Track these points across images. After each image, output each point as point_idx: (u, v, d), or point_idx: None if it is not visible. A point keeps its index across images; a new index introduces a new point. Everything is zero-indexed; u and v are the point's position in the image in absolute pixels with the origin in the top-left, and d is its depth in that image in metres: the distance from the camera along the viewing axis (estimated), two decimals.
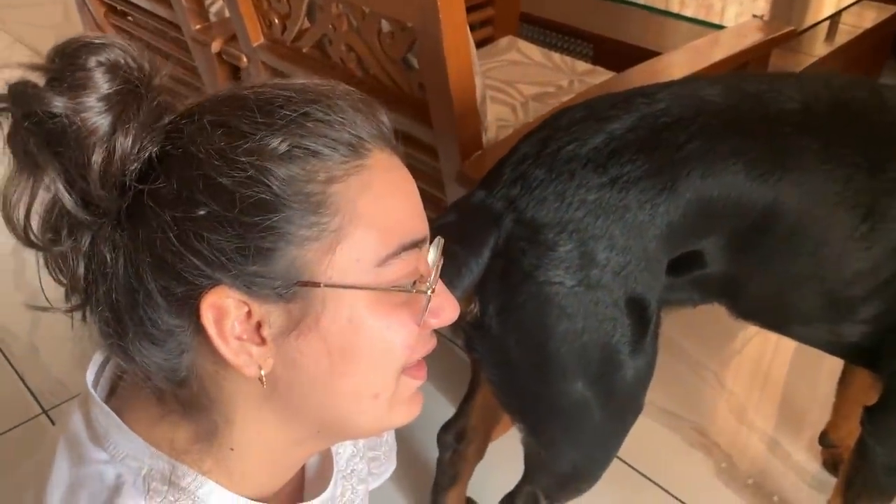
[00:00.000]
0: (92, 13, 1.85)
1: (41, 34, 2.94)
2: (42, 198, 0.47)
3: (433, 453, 1.16)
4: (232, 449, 0.54)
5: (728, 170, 0.80)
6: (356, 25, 1.13)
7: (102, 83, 0.46)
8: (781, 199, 0.81)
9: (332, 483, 0.64)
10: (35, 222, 0.47)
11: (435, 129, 1.09)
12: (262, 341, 0.49)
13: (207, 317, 0.47)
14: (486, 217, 0.79)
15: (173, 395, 0.52)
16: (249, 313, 0.48)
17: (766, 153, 0.81)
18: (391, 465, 0.91)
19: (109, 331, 0.50)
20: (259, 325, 0.49)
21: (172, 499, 0.51)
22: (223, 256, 0.46)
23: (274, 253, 0.47)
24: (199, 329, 0.48)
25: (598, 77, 1.60)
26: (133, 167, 0.47)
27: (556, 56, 1.69)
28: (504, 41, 1.76)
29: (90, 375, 0.57)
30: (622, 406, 0.88)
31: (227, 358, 0.48)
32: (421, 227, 0.53)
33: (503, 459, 1.01)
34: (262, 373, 0.49)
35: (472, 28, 1.82)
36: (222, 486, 0.53)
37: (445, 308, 0.55)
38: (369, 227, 0.49)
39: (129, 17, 1.78)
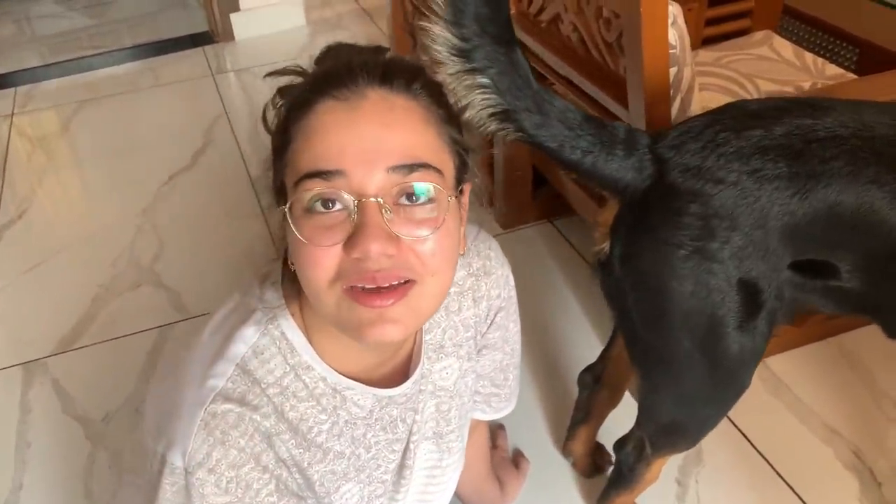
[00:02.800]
0: None
1: None
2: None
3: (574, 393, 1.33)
4: (305, 311, 0.76)
5: (865, 194, 0.83)
6: (582, 8, 1.28)
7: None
8: None
9: (410, 380, 0.84)
10: None
11: (630, 110, 1.21)
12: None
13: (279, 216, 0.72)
14: (640, 162, 0.89)
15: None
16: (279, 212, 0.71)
17: None
18: (510, 406, 1.09)
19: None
20: (284, 219, 0.70)
21: (273, 332, 0.75)
22: (274, 178, 0.72)
23: (278, 171, 0.71)
24: None
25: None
26: None
27: (809, 56, 1.68)
28: (759, 34, 1.77)
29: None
30: (723, 377, 0.95)
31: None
32: (335, 160, 0.65)
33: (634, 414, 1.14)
34: (291, 261, 0.72)
35: (730, 19, 1.86)
36: (297, 327, 0.76)
37: (353, 241, 0.64)
38: (294, 154, 0.68)
39: None
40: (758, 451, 1.38)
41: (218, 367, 0.72)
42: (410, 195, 0.66)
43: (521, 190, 1.87)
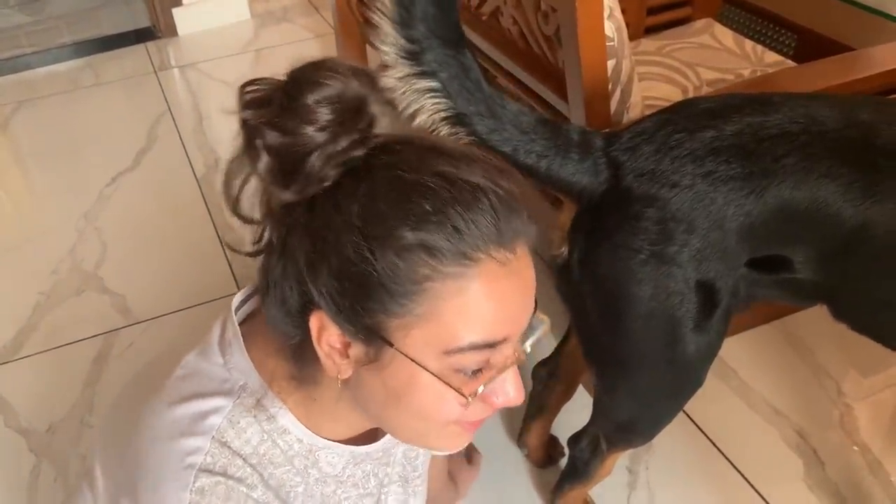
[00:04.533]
0: None
1: None
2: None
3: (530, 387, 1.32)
4: (314, 399, 0.69)
5: (819, 188, 0.82)
6: (520, 1, 1.27)
7: (322, 116, 0.58)
8: (871, 223, 0.82)
9: (387, 436, 0.78)
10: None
11: (570, 103, 1.21)
12: (346, 357, 0.62)
13: (313, 325, 0.61)
14: (595, 165, 0.87)
15: (290, 343, 0.66)
16: (342, 336, 0.61)
17: (860, 180, 0.82)
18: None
19: (262, 281, 0.66)
20: (346, 346, 0.62)
21: (254, 411, 0.67)
22: (328, 295, 0.59)
23: (366, 311, 0.59)
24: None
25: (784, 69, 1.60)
26: (323, 184, 0.59)
27: (749, 44, 1.69)
28: (700, 23, 1.78)
29: (236, 300, 0.73)
30: (680, 375, 0.94)
31: (320, 357, 0.63)
32: (504, 330, 0.60)
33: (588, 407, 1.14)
34: (340, 377, 0.64)
35: (671, 7, 1.87)
36: (296, 418, 0.69)
37: (500, 394, 0.63)
38: (447, 324, 0.58)
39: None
40: (706, 435, 1.39)
41: (193, 441, 0.66)
42: None
43: None
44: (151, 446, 0.67)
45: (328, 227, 0.59)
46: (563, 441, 1.27)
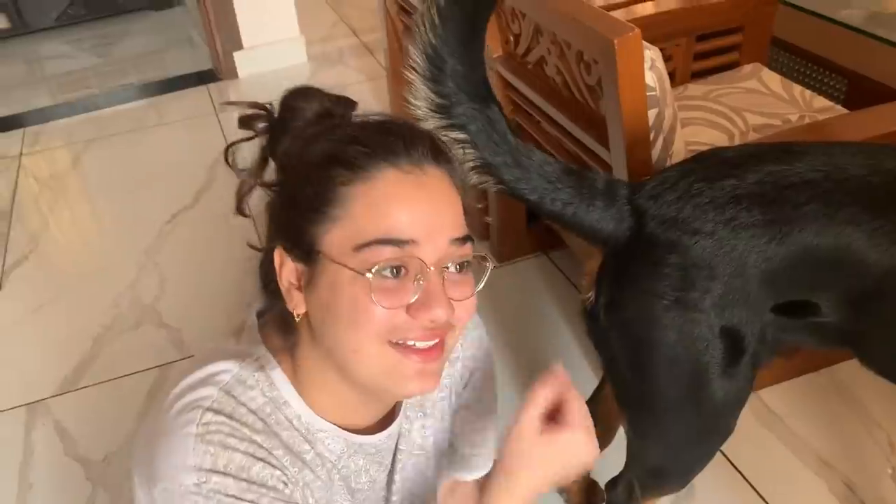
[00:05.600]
0: (389, 9, 2.22)
1: (361, 16, 3.46)
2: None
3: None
4: (301, 365, 0.77)
5: (843, 234, 0.84)
6: (564, 52, 1.31)
7: (308, 115, 0.76)
8: None
9: (385, 432, 0.84)
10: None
11: (611, 151, 1.23)
12: (300, 290, 0.72)
13: (276, 261, 0.73)
14: (619, 213, 0.91)
15: (281, 317, 0.77)
16: (295, 268, 0.72)
17: (885, 226, 0.84)
18: (487, 465, 1.05)
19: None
20: (299, 279, 0.72)
21: (257, 375, 0.76)
22: (281, 228, 0.74)
23: (302, 229, 0.70)
24: None
25: (833, 115, 1.60)
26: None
27: (797, 89, 1.70)
28: (748, 68, 1.79)
29: (256, 308, 0.84)
30: (708, 422, 0.96)
31: (283, 293, 0.73)
32: (409, 231, 0.68)
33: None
34: (296, 311, 0.73)
35: (719, 52, 1.88)
36: (287, 380, 0.77)
37: (421, 306, 0.69)
38: (355, 220, 0.68)
39: (413, 15, 2.11)
40: (750, 484, 1.38)
41: (202, 391, 0.73)
42: (461, 265, 0.73)
43: (515, 223, 1.88)
44: (166, 406, 0.74)
45: (284, 181, 0.76)
46: (603, 486, 1.27)
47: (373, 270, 0.68)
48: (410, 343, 0.71)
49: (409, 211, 0.70)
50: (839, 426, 1.46)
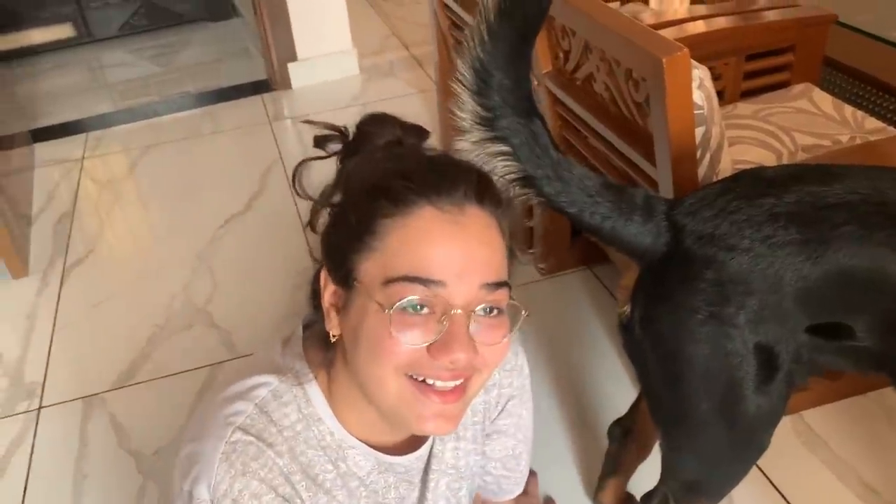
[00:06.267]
0: (440, 24, 2.26)
1: (412, 29, 3.52)
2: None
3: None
4: (335, 380, 0.80)
5: (878, 257, 0.85)
6: (613, 69, 1.33)
7: (379, 141, 0.82)
8: None
9: (417, 452, 0.87)
10: None
11: (658, 167, 1.25)
12: (338, 312, 0.76)
13: (322, 282, 0.77)
14: (657, 228, 0.93)
15: (323, 334, 0.80)
16: (335, 290, 0.75)
17: None
18: (519, 489, 1.11)
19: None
20: (338, 300, 0.76)
21: (295, 391, 0.80)
22: (327, 250, 0.78)
23: (344, 255, 0.73)
24: None
25: (885, 136, 1.59)
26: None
27: (849, 110, 1.69)
28: (798, 87, 1.79)
29: (305, 319, 0.89)
30: (741, 438, 0.97)
31: (324, 312, 0.77)
32: (439, 272, 0.70)
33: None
34: (333, 332, 0.76)
35: (769, 72, 1.88)
36: (322, 395, 0.80)
37: (441, 346, 0.70)
38: (390, 254, 0.71)
39: (464, 31, 2.14)
40: (784, 498, 1.37)
41: (238, 405, 0.78)
42: (491, 309, 0.73)
43: (559, 237, 1.90)
44: (206, 412, 0.80)
45: (338, 204, 0.80)
46: (639, 499, 1.28)
47: (394, 307, 0.70)
48: (430, 382, 0.72)
49: (442, 251, 0.71)
50: (885, 451, 1.44)
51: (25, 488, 1.52)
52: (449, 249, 0.71)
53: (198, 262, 2.14)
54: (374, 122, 0.85)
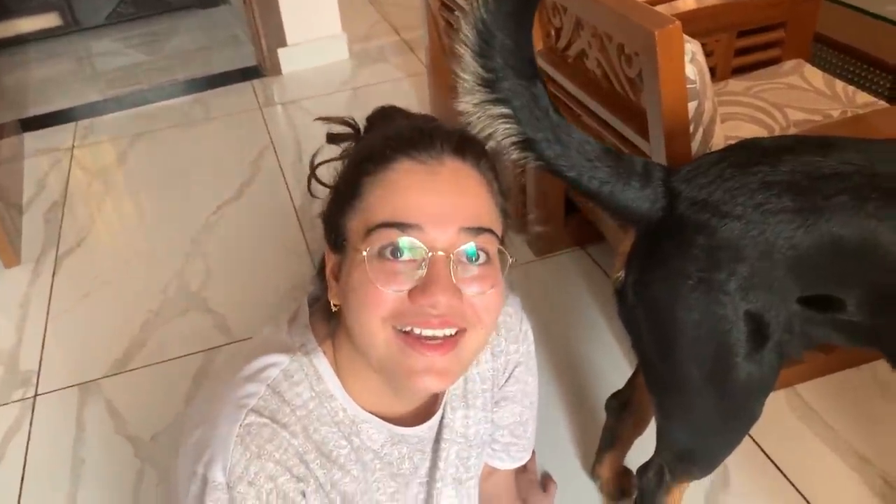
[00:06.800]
0: (430, 6, 2.26)
1: (402, 13, 3.51)
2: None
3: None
4: (338, 352, 0.82)
5: (867, 228, 0.85)
6: (605, 45, 1.33)
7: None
8: None
9: (427, 424, 0.88)
10: None
11: (651, 142, 1.25)
12: (337, 280, 0.77)
13: (326, 255, 0.79)
14: (654, 193, 0.94)
15: (327, 306, 0.81)
16: (334, 259, 0.77)
17: None
18: (527, 455, 1.13)
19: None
20: (335, 268, 0.77)
21: (306, 369, 0.80)
22: (326, 221, 0.80)
23: (337, 222, 0.76)
24: None
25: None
26: None
27: (840, 85, 1.70)
28: (789, 64, 1.80)
29: (310, 295, 0.90)
30: (732, 406, 0.98)
31: (327, 283, 0.79)
32: (415, 215, 0.71)
33: None
34: (333, 301, 0.78)
35: (760, 48, 1.88)
36: (330, 368, 0.81)
37: (426, 292, 0.70)
38: (370, 207, 0.73)
39: (455, 12, 2.14)
40: (785, 476, 1.39)
41: (250, 387, 0.78)
42: (474, 255, 0.74)
43: (553, 217, 1.91)
44: (214, 397, 0.80)
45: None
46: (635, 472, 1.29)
47: (373, 254, 0.71)
48: (417, 332, 0.72)
49: (417, 196, 0.73)
50: (877, 423, 1.46)
51: (23, 475, 1.53)
52: (424, 194, 0.73)
53: (191, 249, 2.14)
54: (382, 116, 0.87)
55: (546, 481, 1.39)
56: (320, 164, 0.87)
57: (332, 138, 0.87)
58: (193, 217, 2.27)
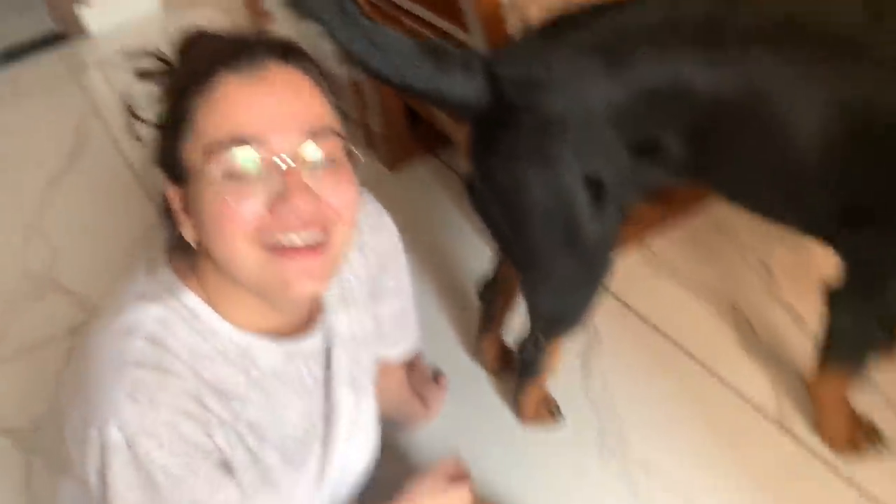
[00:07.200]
0: None
1: None
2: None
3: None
4: (204, 282, 0.80)
5: (673, 70, 0.92)
6: None
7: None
8: (720, 93, 0.92)
9: (316, 331, 0.89)
10: None
11: (469, 32, 1.29)
12: (186, 214, 0.76)
13: (167, 192, 0.78)
14: (479, 82, 0.95)
15: (182, 241, 0.79)
16: (177, 192, 0.76)
17: (706, 55, 0.92)
18: (413, 343, 1.17)
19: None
20: (181, 200, 0.76)
21: (181, 311, 0.78)
22: (161, 155, 0.77)
23: (173, 153, 0.75)
24: None
25: None
26: None
27: None
28: None
29: (165, 242, 0.86)
30: (587, 264, 1.07)
31: (177, 220, 0.78)
32: (252, 126, 0.70)
33: None
34: (190, 239, 0.77)
35: None
36: (202, 302, 0.80)
37: (284, 200, 0.70)
38: (203, 128, 0.72)
39: None
40: (651, 324, 1.51)
41: (126, 343, 0.75)
42: (323, 158, 0.73)
43: (397, 128, 1.92)
44: (94, 360, 0.77)
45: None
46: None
47: (212, 171, 0.71)
48: (287, 244, 0.72)
49: (248, 107, 0.72)
50: (719, 257, 1.61)
51: None
52: (255, 104, 0.72)
53: (30, 231, 2.02)
54: (194, 43, 0.80)
55: (437, 376, 1.45)
56: (131, 109, 0.83)
57: (144, 75, 0.82)
58: (24, 198, 2.13)
